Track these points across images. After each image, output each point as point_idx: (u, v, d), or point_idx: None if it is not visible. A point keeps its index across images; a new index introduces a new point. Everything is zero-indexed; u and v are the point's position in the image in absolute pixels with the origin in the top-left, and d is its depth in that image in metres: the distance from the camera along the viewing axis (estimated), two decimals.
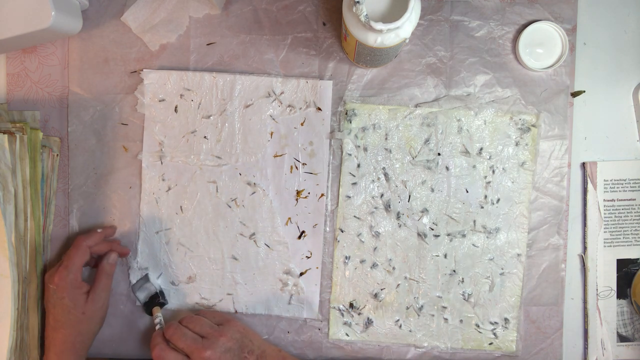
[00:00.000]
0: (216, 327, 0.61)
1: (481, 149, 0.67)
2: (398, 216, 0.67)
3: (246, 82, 0.67)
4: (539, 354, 0.68)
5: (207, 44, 0.68)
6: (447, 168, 0.67)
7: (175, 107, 0.68)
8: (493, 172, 0.67)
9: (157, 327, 0.64)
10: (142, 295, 0.67)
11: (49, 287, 0.61)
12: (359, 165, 0.67)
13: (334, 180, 0.68)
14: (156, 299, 0.67)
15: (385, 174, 0.67)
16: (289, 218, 0.68)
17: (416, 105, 0.67)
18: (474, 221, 0.67)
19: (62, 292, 0.60)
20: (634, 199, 0.68)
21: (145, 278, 0.67)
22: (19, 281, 0.61)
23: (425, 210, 0.67)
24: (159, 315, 0.65)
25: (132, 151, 0.68)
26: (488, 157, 0.67)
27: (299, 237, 0.68)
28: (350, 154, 0.67)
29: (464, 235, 0.67)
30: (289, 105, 0.67)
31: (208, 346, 0.58)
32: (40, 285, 0.65)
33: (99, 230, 0.65)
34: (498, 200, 0.67)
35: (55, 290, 0.61)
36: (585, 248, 0.68)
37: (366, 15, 0.51)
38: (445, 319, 0.67)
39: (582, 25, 0.68)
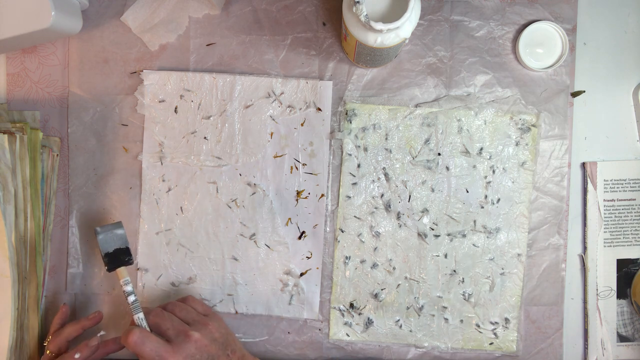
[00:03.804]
0: (202, 317, 0.59)
1: (481, 149, 0.67)
2: (398, 216, 0.67)
3: (246, 83, 0.67)
4: (539, 354, 0.68)
5: (207, 45, 0.68)
6: (447, 168, 0.67)
7: (175, 108, 0.68)
8: (493, 172, 0.67)
9: (130, 298, 0.57)
10: (109, 243, 0.59)
11: None
12: (359, 166, 0.67)
13: (334, 180, 0.68)
14: (124, 256, 0.59)
15: (386, 174, 0.67)
16: (289, 218, 0.68)
17: (416, 105, 0.67)
18: (474, 221, 0.67)
19: None
20: (634, 199, 0.68)
21: (118, 225, 0.61)
22: (19, 281, 0.61)
23: (425, 210, 0.67)
24: (128, 280, 0.58)
25: (132, 152, 0.68)
26: (488, 157, 0.67)
27: (299, 238, 0.68)
28: (350, 154, 0.67)
29: (464, 235, 0.67)
30: (289, 106, 0.67)
31: (196, 329, 0.56)
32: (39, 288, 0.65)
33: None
34: (498, 200, 0.67)
35: None
36: (585, 248, 0.68)
37: (366, 15, 0.51)
38: (446, 319, 0.67)
39: (582, 25, 0.68)
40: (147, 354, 0.53)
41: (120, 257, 0.60)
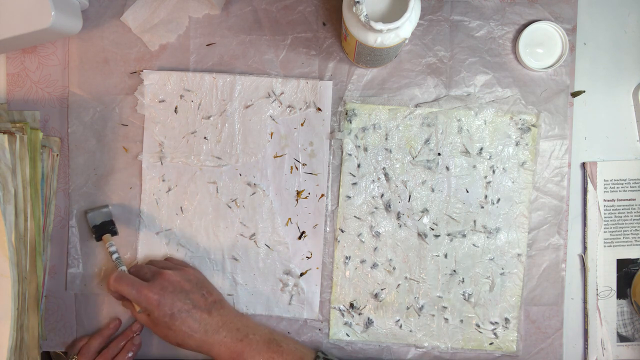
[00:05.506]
0: (180, 266, 0.65)
1: (481, 148, 0.67)
2: (398, 216, 0.67)
3: (246, 83, 0.67)
4: (539, 354, 0.68)
5: (207, 45, 0.68)
6: (447, 168, 0.67)
7: (175, 108, 0.68)
8: (493, 172, 0.67)
9: (114, 256, 0.64)
10: (96, 218, 0.67)
11: None
12: (359, 166, 0.67)
13: (334, 180, 0.68)
14: (109, 227, 0.67)
15: (386, 174, 0.67)
16: (289, 218, 0.68)
17: (416, 105, 0.67)
18: (474, 221, 0.67)
19: None
20: (634, 199, 0.68)
21: (104, 206, 0.68)
22: (19, 281, 0.61)
23: (425, 210, 0.67)
24: (112, 243, 0.65)
25: (132, 152, 0.68)
26: (488, 157, 0.67)
27: (299, 238, 0.68)
28: (350, 154, 0.67)
29: (464, 235, 0.67)
30: (289, 106, 0.67)
31: (171, 270, 0.62)
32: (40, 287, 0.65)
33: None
34: (498, 200, 0.67)
35: None
36: (585, 248, 0.68)
37: (366, 15, 0.51)
38: (446, 319, 0.67)
39: (582, 25, 0.68)
40: (124, 288, 0.59)
41: (106, 228, 0.67)
